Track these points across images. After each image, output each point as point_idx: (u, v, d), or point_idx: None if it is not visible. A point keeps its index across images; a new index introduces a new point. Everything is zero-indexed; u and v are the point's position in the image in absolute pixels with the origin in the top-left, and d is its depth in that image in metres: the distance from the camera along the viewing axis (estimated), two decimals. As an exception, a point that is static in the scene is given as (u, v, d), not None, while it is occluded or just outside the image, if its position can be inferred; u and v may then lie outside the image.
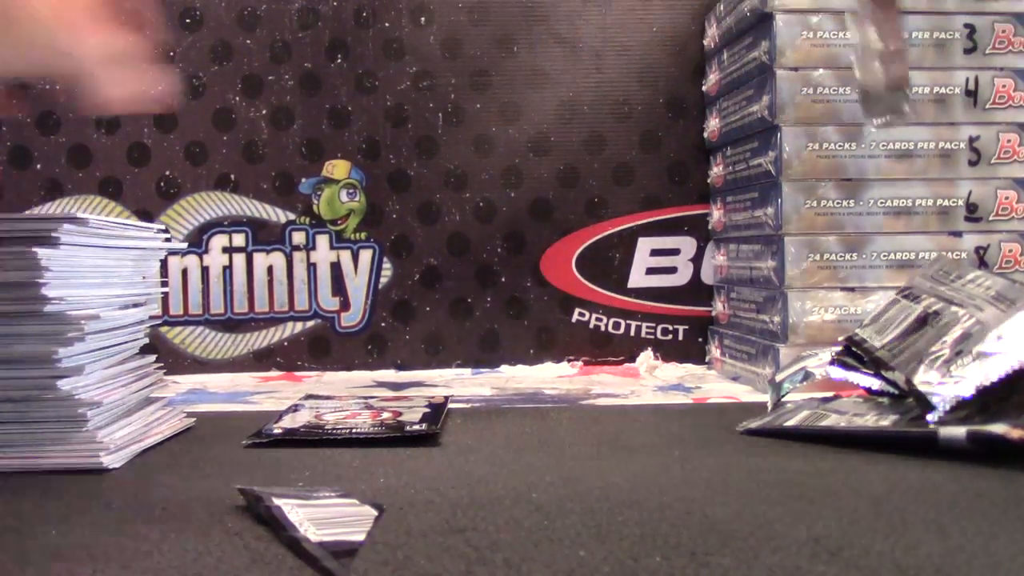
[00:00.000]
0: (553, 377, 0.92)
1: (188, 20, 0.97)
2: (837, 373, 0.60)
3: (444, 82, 0.98)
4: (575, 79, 0.98)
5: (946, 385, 0.51)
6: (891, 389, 0.57)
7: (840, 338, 0.63)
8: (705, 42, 0.97)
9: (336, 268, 0.98)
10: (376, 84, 0.98)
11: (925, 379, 0.52)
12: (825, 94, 0.76)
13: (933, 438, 0.49)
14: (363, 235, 0.98)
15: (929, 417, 0.50)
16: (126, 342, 0.56)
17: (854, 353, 0.60)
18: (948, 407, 0.50)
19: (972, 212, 0.77)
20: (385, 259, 0.98)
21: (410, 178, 0.98)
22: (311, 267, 0.98)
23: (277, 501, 0.38)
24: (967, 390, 0.50)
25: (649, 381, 0.88)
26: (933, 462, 0.47)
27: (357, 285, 0.98)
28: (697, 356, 0.98)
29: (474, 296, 0.99)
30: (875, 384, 0.58)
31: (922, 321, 0.58)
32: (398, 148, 0.97)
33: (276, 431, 0.57)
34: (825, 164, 0.76)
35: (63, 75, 0.45)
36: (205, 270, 0.98)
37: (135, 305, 0.58)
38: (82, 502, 0.43)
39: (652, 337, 0.99)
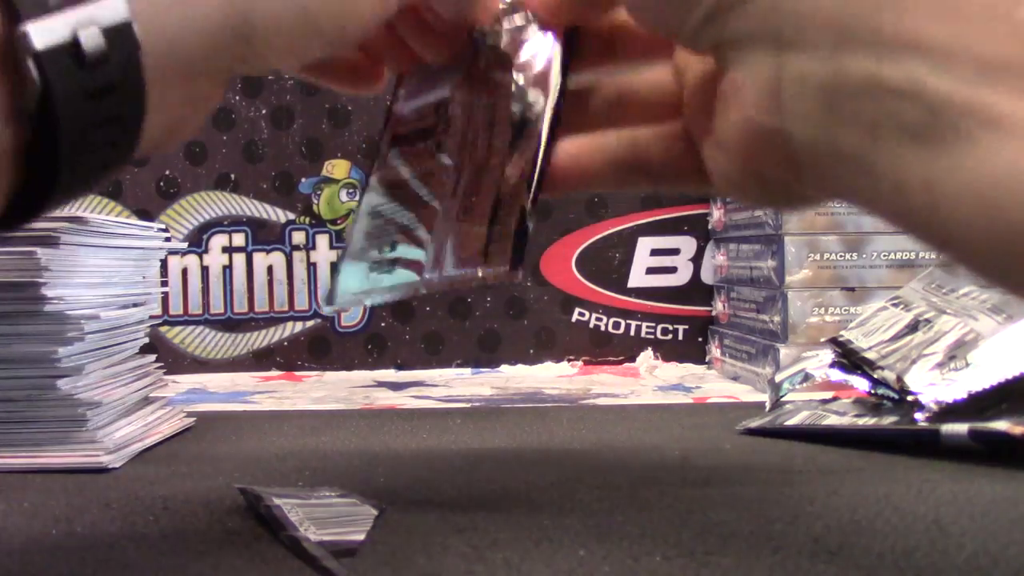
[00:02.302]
0: (553, 377, 0.92)
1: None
2: (837, 375, 0.60)
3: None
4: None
5: (937, 387, 0.51)
6: (881, 390, 0.57)
7: (822, 339, 0.63)
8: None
9: (336, 268, 0.98)
10: (376, 84, 0.97)
11: (917, 379, 0.52)
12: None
13: (935, 436, 0.49)
14: (363, 235, 0.98)
15: (917, 416, 0.50)
16: (126, 342, 0.56)
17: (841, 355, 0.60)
18: (938, 408, 0.50)
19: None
20: (385, 259, 0.98)
21: (410, 178, 0.98)
22: (311, 267, 0.98)
23: (277, 501, 0.38)
24: (959, 394, 0.50)
25: (649, 381, 0.88)
26: (933, 462, 0.47)
27: (357, 285, 0.98)
28: (697, 356, 0.98)
29: (474, 296, 0.98)
30: (865, 385, 0.58)
31: (913, 327, 0.58)
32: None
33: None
34: (825, 164, 0.76)
35: None
36: (205, 270, 0.98)
37: (135, 305, 0.58)
38: (82, 502, 0.43)
39: (652, 337, 0.99)
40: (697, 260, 0.99)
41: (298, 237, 0.98)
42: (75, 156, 0.26)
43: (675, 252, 0.99)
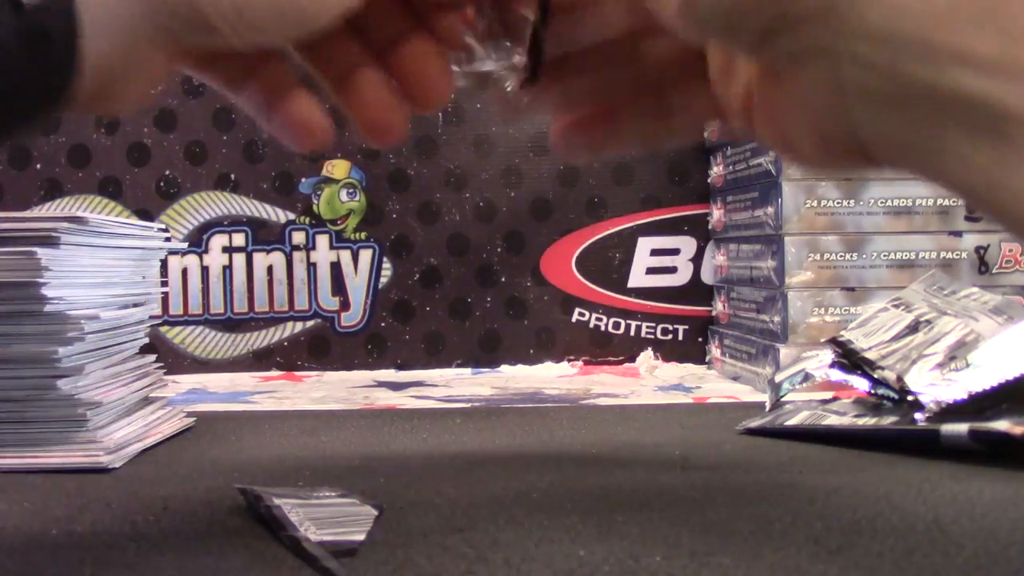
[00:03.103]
0: (553, 377, 0.92)
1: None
2: (837, 375, 0.60)
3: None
4: (575, 79, 0.98)
5: (938, 387, 0.51)
6: (881, 390, 0.57)
7: (822, 339, 0.63)
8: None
9: (336, 268, 0.98)
10: (376, 84, 0.97)
11: (917, 379, 0.52)
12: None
13: (935, 436, 0.49)
14: (363, 235, 0.98)
15: (917, 416, 0.50)
16: (126, 342, 0.56)
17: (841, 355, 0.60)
18: (938, 408, 0.50)
19: (972, 212, 0.77)
20: (385, 259, 0.98)
21: (410, 178, 0.98)
22: (311, 267, 0.98)
23: (277, 501, 0.38)
24: (959, 394, 0.50)
25: (649, 381, 0.88)
26: (933, 462, 0.47)
27: (357, 285, 0.98)
28: (697, 356, 0.98)
29: (474, 296, 0.99)
30: (865, 385, 0.58)
31: (913, 328, 0.58)
32: (398, 148, 0.97)
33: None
34: (825, 164, 0.76)
35: None
36: (205, 270, 0.98)
37: (135, 305, 0.58)
38: (82, 502, 0.43)
39: (652, 337, 0.99)
40: (697, 260, 0.99)
41: (298, 237, 0.98)
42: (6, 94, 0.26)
43: (675, 252, 0.99)
